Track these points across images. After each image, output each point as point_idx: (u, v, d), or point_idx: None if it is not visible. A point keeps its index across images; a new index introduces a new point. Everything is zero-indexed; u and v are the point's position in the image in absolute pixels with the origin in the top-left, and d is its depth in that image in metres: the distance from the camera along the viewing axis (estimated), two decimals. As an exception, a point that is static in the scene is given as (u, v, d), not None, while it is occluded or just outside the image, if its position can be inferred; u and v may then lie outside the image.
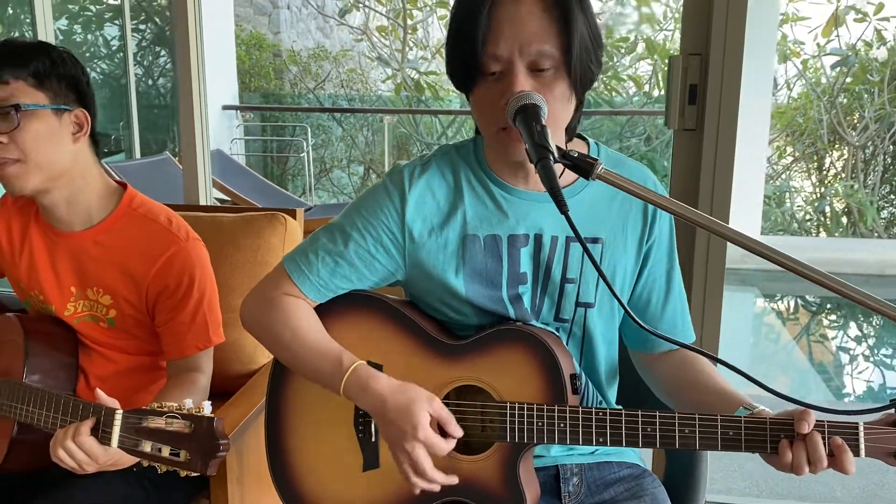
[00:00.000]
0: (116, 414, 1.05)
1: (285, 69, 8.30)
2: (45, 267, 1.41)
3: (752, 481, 2.50)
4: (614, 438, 1.04)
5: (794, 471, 0.98)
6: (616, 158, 1.21)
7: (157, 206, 1.45)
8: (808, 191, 7.61)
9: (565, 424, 1.06)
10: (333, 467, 1.18)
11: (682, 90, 2.01)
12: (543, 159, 0.92)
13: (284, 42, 8.49)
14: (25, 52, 1.31)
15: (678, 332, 1.22)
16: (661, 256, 1.21)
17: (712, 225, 0.95)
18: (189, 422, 1.00)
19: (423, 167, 1.16)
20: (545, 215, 1.14)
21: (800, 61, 7.36)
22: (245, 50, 8.02)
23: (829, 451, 0.96)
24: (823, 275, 0.91)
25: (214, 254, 1.80)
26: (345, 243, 1.15)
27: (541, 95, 1.00)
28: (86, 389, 1.41)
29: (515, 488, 1.08)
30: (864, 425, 0.97)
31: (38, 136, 1.29)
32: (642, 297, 1.21)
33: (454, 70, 1.08)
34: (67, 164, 1.34)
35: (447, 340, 1.14)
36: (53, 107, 1.31)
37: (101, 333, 1.42)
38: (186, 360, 1.41)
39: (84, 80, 1.38)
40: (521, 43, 1.01)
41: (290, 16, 8.71)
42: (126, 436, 1.04)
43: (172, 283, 1.37)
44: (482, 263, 1.14)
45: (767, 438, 0.99)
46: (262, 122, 8.00)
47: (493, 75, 1.03)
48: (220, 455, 0.99)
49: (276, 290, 1.18)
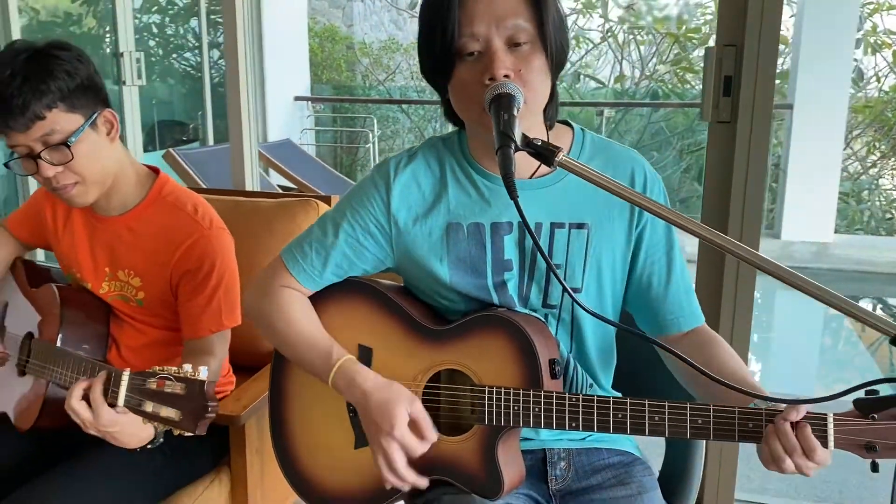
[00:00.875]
0: (124, 374, 1.13)
1: (357, 61, 8.47)
2: (84, 248, 1.52)
3: (790, 482, 2.44)
4: (586, 423, 1.07)
5: (775, 462, 0.98)
6: (601, 144, 1.23)
7: (185, 194, 1.52)
8: (886, 188, 7.26)
9: (540, 409, 1.08)
10: (327, 442, 1.24)
11: (716, 81, 1.98)
12: (504, 147, 0.95)
13: (357, 34, 8.66)
14: (43, 75, 1.30)
15: (684, 313, 1.22)
16: (657, 239, 1.21)
17: (679, 219, 0.94)
18: (183, 384, 1.08)
19: (409, 158, 1.21)
20: (528, 202, 1.14)
21: (891, 52, 7.00)
22: (318, 42, 8.22)
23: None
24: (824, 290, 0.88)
25: (250, 237, 1.90)
26: (335, 233, 1.20)
27: (517, 86, 1.03)
28: (117, 358, 1.52)
29: (494, 469, 1.11)
30: (833, 416, 0.96)
31: (88, 157, 1.37)
32: (643, 280, 1.22)
33: (431, 60, 1.10)
34: (115, 166, 1.44)
35: (432, 326, 1.18)
36: (89, 122, 1.37)
37: (132, 311, 1.52)
38: (200, 342, 1.48)
39: (95, 73, 1.40)
40: (496, 18, 1.04)
41: (363, 8, 8.87)
42: (131, 395, 1.12)
43: (193, 268, 1.45)
44: (466, 251, 1.17)
45: (735, 428, 0.99)
46: (332, 112, 8.19)
47: (472, 56, 1.06)
48: (209, 416, 1.06)
49: (273, 280, 1.24)
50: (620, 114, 7.69)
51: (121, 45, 4.34)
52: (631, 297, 1.24)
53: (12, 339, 1.54)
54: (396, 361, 1.16)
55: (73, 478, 1.35)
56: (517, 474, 1.15)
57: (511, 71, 1.05)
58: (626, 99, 7.97)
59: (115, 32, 4.40)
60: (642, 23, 7.88)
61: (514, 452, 1.16)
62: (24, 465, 1.44)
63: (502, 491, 1.11)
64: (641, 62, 7.92)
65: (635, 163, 1.20)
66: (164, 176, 1.54)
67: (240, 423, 1.54)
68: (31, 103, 1.28)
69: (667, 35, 7.56)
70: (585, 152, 1.21)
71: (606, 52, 8.20)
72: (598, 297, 1.21)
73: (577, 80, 8.05)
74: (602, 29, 7.90)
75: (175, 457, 1.49)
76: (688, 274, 1.24)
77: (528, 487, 1.22)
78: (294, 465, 1.27)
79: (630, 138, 7.92)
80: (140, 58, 4.39)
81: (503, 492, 1.11)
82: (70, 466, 1.37)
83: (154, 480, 1.45)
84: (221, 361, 1.53)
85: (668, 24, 7.64)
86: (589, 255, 1.18)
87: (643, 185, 1.20)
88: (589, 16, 7.88)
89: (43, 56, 1.32)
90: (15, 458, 1.47)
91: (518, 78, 1.05)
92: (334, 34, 8.45)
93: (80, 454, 1.40)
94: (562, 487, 1.24)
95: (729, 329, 2.07)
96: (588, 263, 1.18)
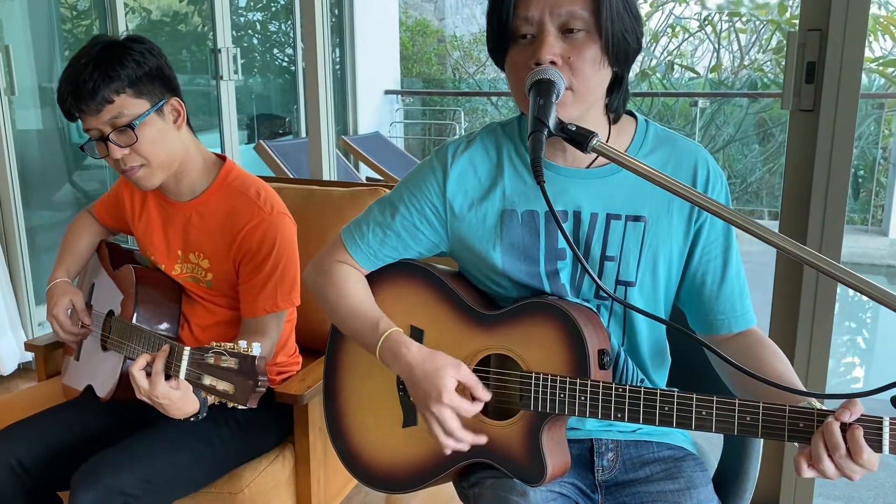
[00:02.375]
0: (185, 350, 1.20)
1: (447, 54, 8.53)
2: (158, 232, 1.61)
3: (880, 492, 2.31)
4: (632, 415, 1.05)
5: (815, 464, 0.94)
6: (665, 136, 1.20)
7: (250, 180, 1.59)
8: None
9: (586, 398, 1.08)
10: (376, 421, 1.28)
11: (797, 68, 1.90)
12: (536, 132, 0.96)
13: (448, 28, 8.72)
14: (113, 63, 1.40)
15: (736, 315, 1.19)
16: (715, 236, 1.18)
17: (736, 218, 0.92)
18: (237, 359, 1.14)
19: (468, 143, 1.22)
20: (584, 192, 1.16)
21: None
22: (409, 36, 8.33)
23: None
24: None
25: (320, 224, 1.97)
26: (392, 215, 1.23)
27: (560, 73, 1.02)
28: (189, 336, 1.61)
29: (537, 456, 1.12)
30: (889, 420, 0.91)
31: (154, 141, 1.45)
32: (696, 277, 1.20)
33: (492, 40, 1.12)
34: (181, 152, 1.51)
35: (483, 310, 1.19)
36: (155, 108, 1.45)
37: (202, 292, 1.61)
38: (255, 321, 1.55)
39: (165, 65, 1.49)
40: (551, 4, 1.04)
41: (455, 2, 8.91)
42: (191, 369, 1.19)
43: (253, 248, 1.52)
44: (519, 238, 1.18)
45: (785, 426, 0.96)
46: (422, 105, 8.29)
47: (525, 38, 1.07)
48: (259, 390, 1.11)
49: (331, 257, 1.29)
50: (717, 105, 7.42)
51: (219, 41, 4.53)
52: (684, 294, 1.22)
53: (98, 317, 1.65)
54: (446, 344, 1.18)
55: (144, 445, 1.44)
56: (561, 463, 1.15)
57: (559, 57, 1.04)
58: (722, 89, 7.69)
59: (213, 29, 4.60)
60: (742, 9, 7.56)
61: (560, 441, 1.16)
62: (107, 433, 1.55)
63: (545, 478, 1.11)
64: (741, 50, 7.62)
65: (699, 156, 1.18)
66: (230, 163, 1.62)
67: (303, 402, 1.60)
68: (101, 88, 1.38)
69: (769, 22, 7.24)
70: (648, 144, 1.19)
71: (704, 40, 7.93)
72: (653, 291, 1.19)
73: (671, 70, 7.82)
74: (699, 17, 7.65)
75: (242, 432, 1.57)
76: (743, 275, 1.21)
77: (574, 477, 1.21)
78: (344, 441, 1.31)
79: (728, 130, 7.65)
80: (237, 54, 4.58)
81: (545, 479, 1.11)
82: (144, 435, 1.47)
83: (221, 453, 1.53)
84: (275, 341, 1.59)
85: (770, 11, 7.31)
86: (645, 248, 1.16)
87: (706, 179, 1.17)
88: (686, 3, 7.64)
89: (116, 47, 1.43)
90: (99, 425, 1.58)
91: (567, 65, 1.05)
92: (426, 28, 8.55)
93: (155, 424, 1.49)
94: (608, 478, 1.22)
95: (808, 329, 1.98)
96: (643, 257, 1.16)
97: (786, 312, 2.02)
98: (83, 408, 1.60)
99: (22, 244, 3.14)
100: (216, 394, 1.16)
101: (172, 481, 1.43)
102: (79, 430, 1.54)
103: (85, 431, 1.54)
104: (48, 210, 3.73)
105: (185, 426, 1.39)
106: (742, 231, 0.96)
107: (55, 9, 3.90)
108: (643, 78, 7.80)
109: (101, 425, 1.58)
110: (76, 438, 1.53)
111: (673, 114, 7.75)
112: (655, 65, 7.82)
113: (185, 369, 1.20)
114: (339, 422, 1.32)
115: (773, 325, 2.05)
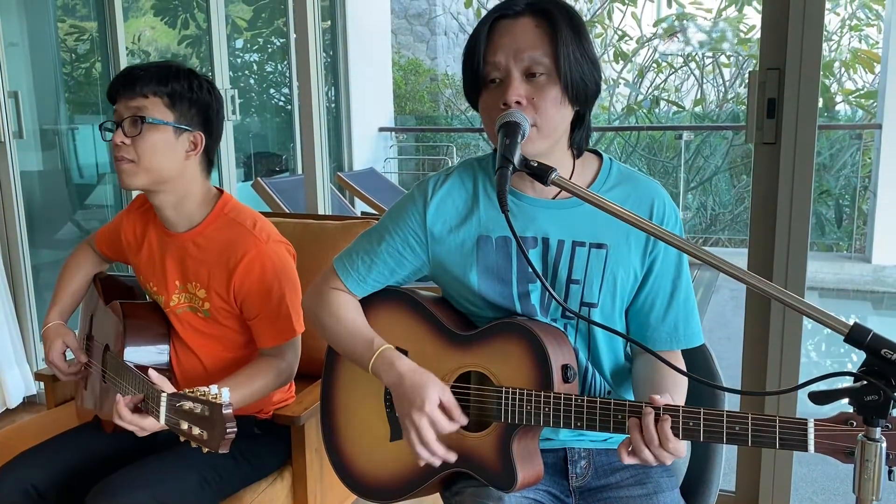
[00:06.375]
0: (162, 396, 1.27)
1: (439, 92, 8.74)
2: (158, 263, 1.67)
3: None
4: (590, 423, 1.16)
5: (636, 454, 1.10)
6: (627, 174, 1.32)
7: (246, 212, 1.66)
8: None
9: (549, 409, 1.18)
10: (366, 435, 1.38)
11: (759, 104, 2.04)
12: (502, 168, 1.09)
13: (440, 66, 8.94)
14: (171, 74, 1.52)
15: (679, 335, 1.31)
16: (667, 267, 1.30)
17: (687, 247, 1.04)
18: (207, 407, 1.19)
19: (446, 177, 1.35)
20: (551, 220, 1.28)
21: None
22: (402, 75, 8.55)
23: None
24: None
25: (316, 256, 2.08)
26: (378, 243, 1.35)
27: (524, 114, 1.15)
28: (198, 367, 1.66)
29: (508, 464, 1.22)
30: (814, 422, 1.01)
31: (154, 146, 1.51)
32: (646, 302, 1.31)
33: (467, 84, 1.26)
34: (173, 174, 1.55)
35: (460, 331, 1.30)
36: (176, 125, 1.52)
37: (200, 322, 1.66)
38: (271, 350, 1.62)
39: (215, 107, 1.58)
40: (515, 51, 1.18)
41: (446, 42, 9.15)
42: (169, 415, 1.26)
43: (254, 279, 1.58)
44: (494, 261, 1.29)
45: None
46: (415, 142, 8.47)
47: (494, 83, 1.21)
48: (228, 437, 1.16)
49: (325, 285, 1.40)
50: (701, 137, 7.62)
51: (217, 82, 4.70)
52: (632, 314, 1.34)
53: (98, 349, 1.71)
54: (427, 363, 1.28)
55: (157, 468, 1.52)
56: (533, 471, 1.25)
57: (524, 98, 1.18)
58: (707, 122, 7.89)
59: (212, 71, 4.76)
60: (725, 45, 7.80)
61: (532, 450, 1.26)
62: (118, 456, 1.61)
63: (516, 484, 1.21)
64: (724, 85, 7.83)
65: (656, 194, 1.30)
66: (227, 195, 1.67)
67: (300, 422, 1.70)
68: (145, 83, 1.50)
69: (749, 56, 7.47)
70: (611, 180, 1.31)
71: (689, 76, 8.16)
72: (612, 311, 1.31)
73: (657, 105, 8.02)
74: (682, 52, 7.88)
75: (246, 457, 1.64)
76: (692, 300, 1.33)
77: (550, 484, 1.31)
78: (338, 455, 1.42)
79: (715, 161, 7.82)
80: (234, 95, 4.73)
81: (517, 485, 1.21)
82: (146, 462, 1.54)
83: (223, 478, 1.60)
84: (292, 364, 1.65)
85: (751, 47, 7.54)
86: (606, 273, 1.28)
87: (662, 214, 1.29)
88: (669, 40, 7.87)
89: (185, 69, 1.56)
90: (110, 449, 1.64)
91: (531, 105, 1.18)
92: (418, 67, 8.77)
93: (158, 452, 1.57)
94: (581, 485, 1.33)
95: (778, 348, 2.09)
96: (605, 280, 1.28)
97: (757, 327, 2.13)
98: (94, 432, 1.67)
99: (28, 282, 3.24)
100: (192, 438, 1.21)
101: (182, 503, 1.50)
102: (91, 454, 1.61)
103: (97, 455, 1.61)
104: (51, 248, 3.85)
105: (193, 451, 1.47)
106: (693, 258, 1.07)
107: (56, 52, 4.05)
108: (630, 113, 8.01)
109: (112, 449, 1.64)
110: (89, 462, 1.59)
111: (661, 146, 7.93)
112: (641, 99, 8.03)
113: (164, 415, 1.26)
114: (334, 436, 1.43)
115: (745, 343, 2.17)
